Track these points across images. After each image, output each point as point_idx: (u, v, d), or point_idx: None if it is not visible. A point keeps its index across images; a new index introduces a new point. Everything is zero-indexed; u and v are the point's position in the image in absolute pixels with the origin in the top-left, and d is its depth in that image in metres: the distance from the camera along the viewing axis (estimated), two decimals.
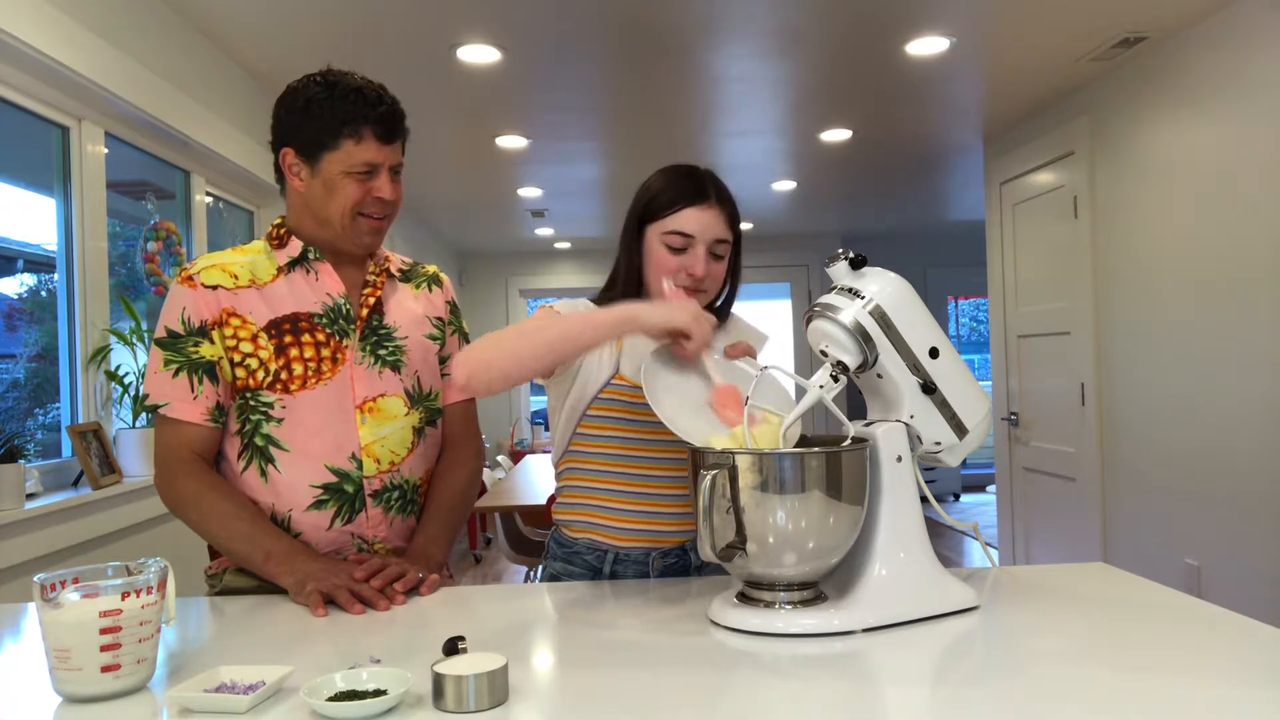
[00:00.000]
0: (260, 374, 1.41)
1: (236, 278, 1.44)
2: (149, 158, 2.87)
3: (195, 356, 1.41)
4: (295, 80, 1.45)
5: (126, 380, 2.53)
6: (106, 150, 2.57)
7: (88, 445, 2.32)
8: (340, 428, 1.44)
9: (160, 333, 1.42)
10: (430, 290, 1.61)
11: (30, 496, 2.15)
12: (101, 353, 2.47)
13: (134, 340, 2.52)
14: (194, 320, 1.41)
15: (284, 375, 1.42)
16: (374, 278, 1.52)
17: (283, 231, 1.49)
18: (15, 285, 2.60)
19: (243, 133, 3.29)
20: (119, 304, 2.60)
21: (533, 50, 3.27)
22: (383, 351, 1.49)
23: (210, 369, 1.41)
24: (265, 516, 1.41)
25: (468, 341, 1.64)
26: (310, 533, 1.44)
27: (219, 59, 3.16)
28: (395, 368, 1.49)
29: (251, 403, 1.42)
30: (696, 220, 1.39)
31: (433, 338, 1.57)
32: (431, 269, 1.66)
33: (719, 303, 1.52)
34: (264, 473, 1.43)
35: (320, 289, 1.47)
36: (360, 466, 1.45)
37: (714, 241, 1.41)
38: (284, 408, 1.42)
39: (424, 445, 1.54)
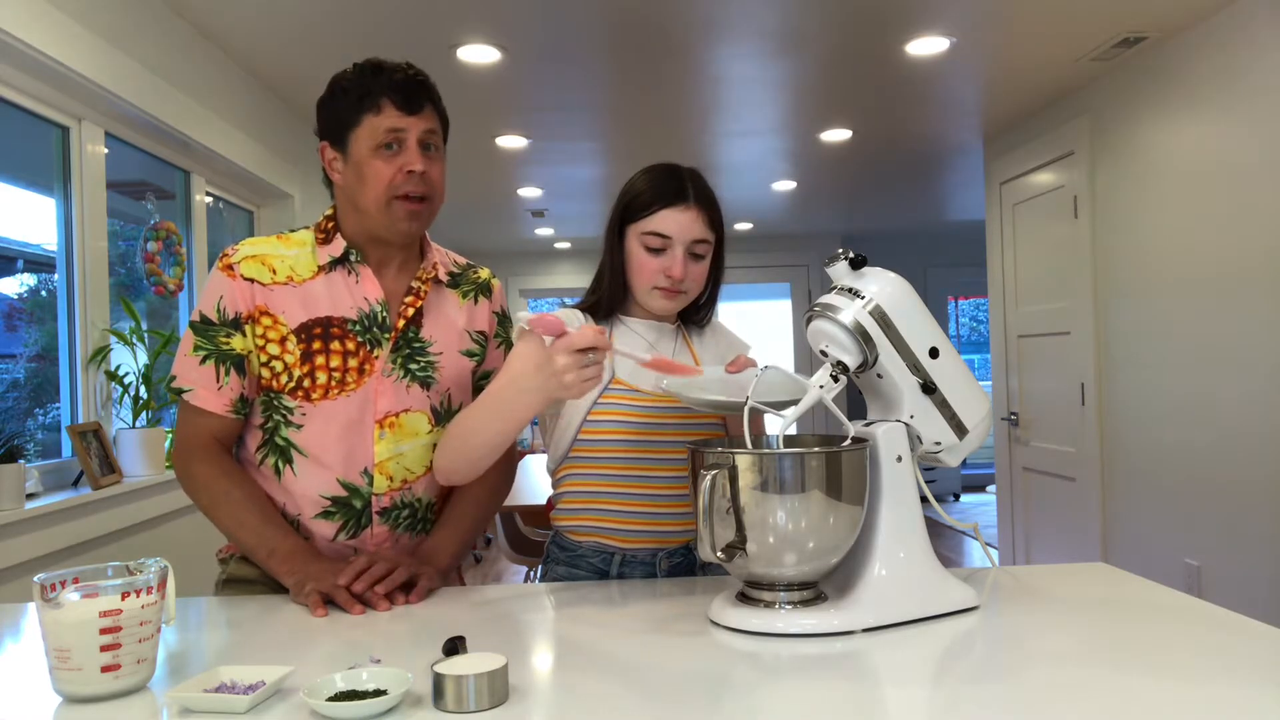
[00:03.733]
0: (284, 378, 1.40)
1: (275, 272, 1.41)
2: (149, 158, 2.88)
3: (225, 347, 1.39)
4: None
5: (126, 380, 2.53)
6: (106, 150, 2.57)
7: (88, 445, 2.32)
8: (356, 441, 1.42)
9: (195, 316, 1.41)
10: (476, 301, 1.54)
11: (30, 496, 2.15)
12: (101, 353, 2.47)
13: (134, 340, 2.53)
14: (229, 311, 1.39)
15: (307, 383, 1.40)
16: (419, 285, 1.47)
17: (330, 225, 1.45)
18: (15, 285, 2.60)
19: (243, 133, 3.29)
20: (119, 304, 2.60)
21: (533, 50, 3.27)
22: (414, 366, 1.45)
23: (239, 362, 1.40)
24: (275, 511, 1.41)
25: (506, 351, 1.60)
26: (316, 540, 1.44)
27: (219, 59, 3.16)
28: (425, 384, 1.46)
29: (275, 403, 1.41)
30: (674, 221, 1.38)
31: (470, 354, 1.52)
32: (484, 274, 1.59)
33: (701, 303, 1.51)
34: (279, 472, 1.43)
35: (359, 293, 1.43)
36: (371, 482, 1.43)
37: (692, 242, 1.39)
38: (304, 415, 1.41)
39: None
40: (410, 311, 1.45)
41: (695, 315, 1.53)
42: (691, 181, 1.42)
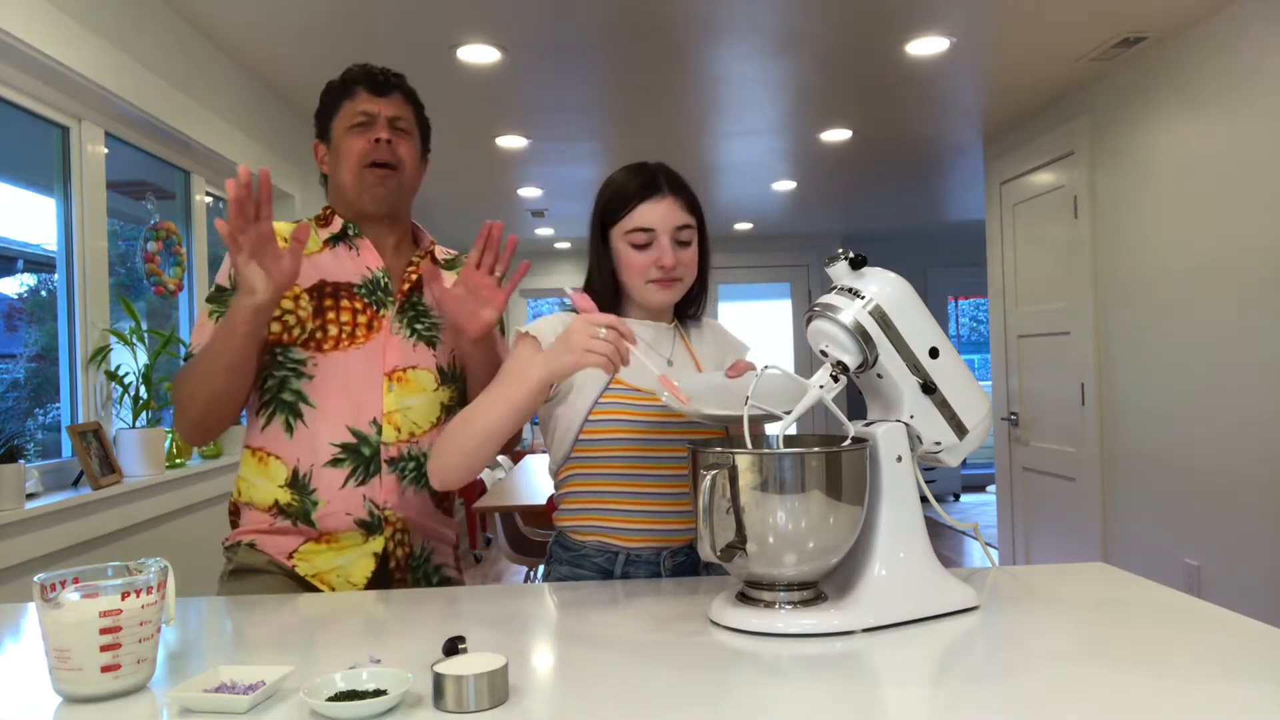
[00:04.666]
0: (296, 330, 1.46)
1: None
2: (149, 158, 2.88)
3: None
4: None
5: (126, 380, 2.53)
6: (106, 150, 2.57)
7: (88, 445, 2.32)
8: (365, 391, 1.48)
9: (210, 290, 1.50)
10: None
11: (30, 496, 2.15)
12: (101, 353, 2.47)
13: (134, 340, 2.52)
14: None
15: (319, 335, 1.47)
16: (417, 259, 1.57)
17: (328, 212, 1.58)
18: (15, 285, 2.60)
19: (243, 133, 3.29)
20: (119, 304, 2.60)
21: (533, 50, 3.27)
22: (419, 326, 1.54)
23: None
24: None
25: (504, 335, 1.65)
26: (324, 490, 1.46)
27: (219, 59, 3.16)
28: (430, 343, 1.54)
29: (280, 358, 1.47)
30: (654, 213, 1.40)
31: None
32: None
33: (693, 295, 1.51)
34: (290, 427, 1.48)
35: (361, 263, 1.53)
36: (380, 432, 1.48)
37: (676, 229, 1.41)
38: (315, 365, 1.48)
39: None
40: (414, 277, 1.55)
41: (688, 309, 1.54)
42: (661, 172, 1.44)
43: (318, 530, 1.47)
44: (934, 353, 1.21)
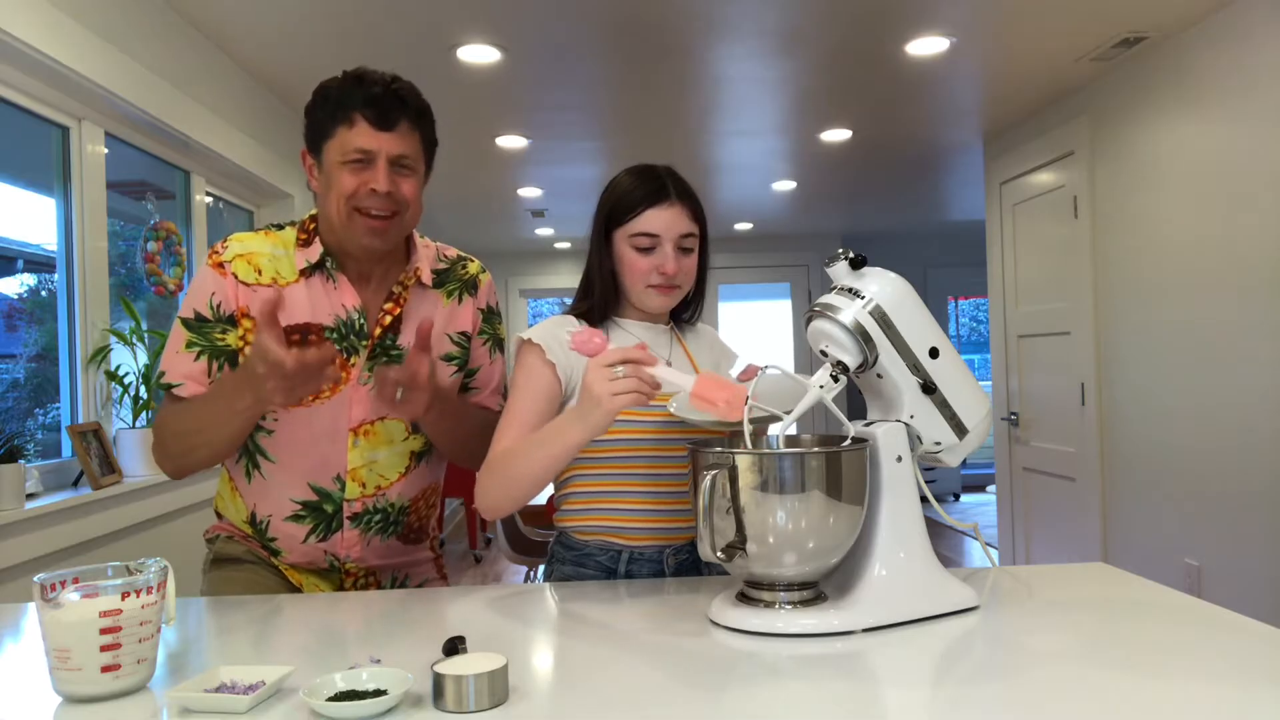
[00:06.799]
0: None
1: (260, 273, 1.40)
2: (149, 158, 2.87)
3: (220, 344, 1.39)
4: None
5: (126, 380, 2.53)
6: (106, 150, 2.57)
7: (88, 445, 2.32)
8: (329, 448, 1.42)
9: (187, 313, 1.39)
10: (460, 300, 1.52)
11: (30, 496, 2.15)
12: (101, 353, 2.47)
13: (134, 340, 2.52)
14: (224, 308, 1.39)
15: None
16: (399, 290, 1.45)
17: (312, 226, 1.44)
18: (15, 285, 2.60)
19: (243, 133, 3.29)
20: (119, 304, 2.60)
21: (533, 50, 3.27)
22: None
23: (233, 356, 1.40)
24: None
25: (501, 350, 1.60)
26: (285, 541, 1.45)
27: (219, 59, 3.16)
28: None
29: None
30: (660, 219, 1.40)
31: (450, 358, 1.51)
32: (473, 269, 1.57)
33: (689, 299, 1.51)
34: (249, 475, 1.45)
35: (336, 300, 1.42)
36: (343, 488, 1.43)
37: (680, 237, 1.41)
38: (276, 420, 1.41)
39: (423, 469, 1.52)
40: (388, 319, 1.43)
41: (683, 312, 1.54)
42: (670, 178, 1.44)
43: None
44: (934, 353, 1.21)
